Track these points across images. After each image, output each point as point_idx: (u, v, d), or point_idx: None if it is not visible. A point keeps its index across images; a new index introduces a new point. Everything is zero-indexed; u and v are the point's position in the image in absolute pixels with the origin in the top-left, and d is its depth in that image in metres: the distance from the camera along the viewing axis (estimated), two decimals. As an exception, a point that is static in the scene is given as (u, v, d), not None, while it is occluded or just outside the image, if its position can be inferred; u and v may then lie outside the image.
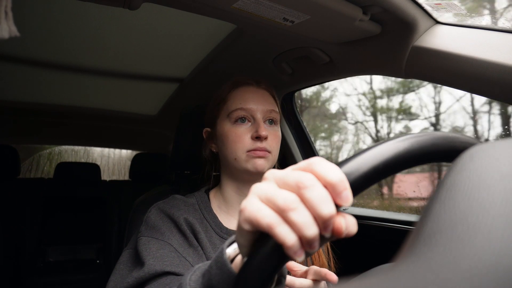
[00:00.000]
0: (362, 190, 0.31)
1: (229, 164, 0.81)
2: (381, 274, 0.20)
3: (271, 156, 0.79)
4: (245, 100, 0.80)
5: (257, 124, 0.78)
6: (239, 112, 0.79)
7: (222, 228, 0.79)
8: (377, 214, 1.31)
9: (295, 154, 1.47)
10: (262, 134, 0.76)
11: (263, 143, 0.77)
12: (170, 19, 1.06)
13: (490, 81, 0.67)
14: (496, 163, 0.23)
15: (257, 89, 0.84)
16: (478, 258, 0.18)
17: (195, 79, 1.46)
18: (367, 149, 0.32)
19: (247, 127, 0.79)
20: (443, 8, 0.80)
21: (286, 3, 0.73)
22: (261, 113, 0.80)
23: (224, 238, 0.78)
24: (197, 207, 0.81)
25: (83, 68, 1.46)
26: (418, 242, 0.22)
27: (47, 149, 4.73)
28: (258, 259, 0.31)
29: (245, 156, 0.77)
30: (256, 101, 0.81)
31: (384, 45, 0.86)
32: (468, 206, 0.21)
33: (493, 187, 0.21)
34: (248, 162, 0.77)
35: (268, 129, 0.80)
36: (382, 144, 0.32)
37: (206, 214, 0.80)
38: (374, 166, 0.31)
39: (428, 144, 0.32)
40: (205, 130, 0.89)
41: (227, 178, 0.84)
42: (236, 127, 0.79)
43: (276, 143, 0.81)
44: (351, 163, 0.31)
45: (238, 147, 0.77)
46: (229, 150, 0.79)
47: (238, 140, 0.78)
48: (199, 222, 0.77)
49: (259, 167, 0.76)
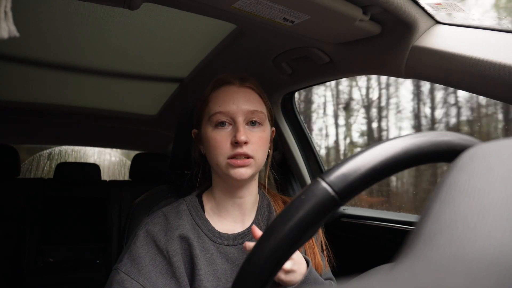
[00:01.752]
0: (363, 190, 0.31)
1: (214, 167, 0.80)
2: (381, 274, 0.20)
3: (253, 161, 0.75)
4: (225, 102, 0.76)
5: (237, 128, 0.74)
6: (218, 116, 0.76)
7: (214, 232, 0.78)
8: (377, 214, 1.31)
9: (295, 154, 1.47)
10: (240, 139, 0.72)
11: (244, 148, 0.74)
12: (170, 19, 1.06)
13: (490, 81, 0.67)
14: (496, 163, 0.23)
15: (240, 88, 0.79)
16: (478, 258, 0.17)
17: (195, 79, 1.46)
18: (367, 149, 0.32)
19: (227, 131, 0.76)
20: (443, 8, 0.80)
21: (286, 3, 0.73)
22: (242, 115, 0.76)
23: (217, 242, 0.77)
24: (188, 213, 0.80)
25: (83, 68, 1.46)
26: (418, 242, 0.22)
27: (47, 149, 4.73)
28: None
29: (226, 164, 0.75)
30: (237, 102, 0.76)
31: (384, 45, 0.86)
32: (468, 206, 0.21)
33: (494, 187, 0.21)
34: (229, 170, 0.75)
35: (250, 132, 0.76)
36: (382, 144, 0.32)
37: (197, 220, 0.79)
38: (372, 167, 0.31)
39: (428, 144, 0.31)
40: (194, 131, 0.88)
41: (217, 180, 0.83)
42: (216, 131, 0.76)
43: (259, 145, 0.76)
44: (350, 163, 0.31)
45: (218, 153, 0.75)
46: (211, 155, 0.77)
47: (218, 145, 0.75)
48: (191, 229, 0.77)
49: (240, 176, 0.74)
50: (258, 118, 0.78)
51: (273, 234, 0.31)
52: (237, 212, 0.82)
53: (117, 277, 0.70)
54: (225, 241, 0.78)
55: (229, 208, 0.82)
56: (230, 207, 0.82)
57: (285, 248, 0.30)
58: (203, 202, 0.84)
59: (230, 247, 0.78)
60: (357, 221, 1.34)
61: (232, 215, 0.82)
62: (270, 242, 0.31)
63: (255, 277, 0.30)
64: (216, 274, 0.75)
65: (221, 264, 0.76)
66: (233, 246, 0.79)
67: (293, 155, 1.47)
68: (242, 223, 0.83)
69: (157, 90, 1.75)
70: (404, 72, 0.85)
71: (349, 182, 0.30)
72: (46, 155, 4.70)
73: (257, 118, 0.78)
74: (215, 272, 0.75)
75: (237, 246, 0.79)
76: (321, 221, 0.31)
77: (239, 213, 0.82)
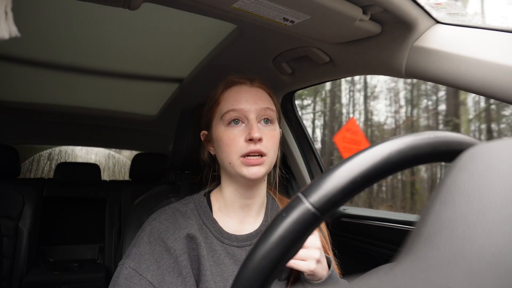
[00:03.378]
0: (345, 203, 0.31)
1: (225, 167, 0.79)
2: (381, 274, 0.20)
3: (267, 159, 0.76)
4: (237, 100, 0.77)
5: (250, 125, 0.75)
6: (231, 113, 0.76)
7: (222, 233, 0.78)
8: (377, 214, 1.31)
9: (295, 154, 1.47)
10: (254, 136, 0.72)
11: (257, 145, 0.74)
12: (170, 19, 1.06)
13: (490, 81, 0.67)
14: (496, 163, 0.23)
15: (250, 88, 0.80)
16: (478, 258, 0.18)
17: (195, 79, 1.46)
18: (369, 147, 0.32)
19: (241, 129, 0.76)
20: (443, 8, 0.80)
21: (286, 3, 0.73)
22: (255, 112, 0.76)
23: (224, 243, 0.77)
24: (196, 212, 0.80)
25: (83, 68, 1.46)
26: (418, 242, 0.22)
27: (47, 149, 4.73)
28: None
29: (239, 162, 0.74)
30: (249, 101, 0.77)
31: (384, 45, 0.86)
32: (468, 206, 0.21)
33: (494, 187, 0.21)
34: (242, 168, 0.74)
35: (263, 129, 0.77)
36: (381, 143, 0.32)
37: (205, 220, 0.79)
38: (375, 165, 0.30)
39: (427, 144, 0.31)
40: (202, 133, 0.88)
41: (226, 180, 0.82)
42: (229, 129, 0.76)
43: (272, 143, 0.77)
44: (331, 177, 0.31)
45: (232, 151, 0.75)
46: (224, 154, 0.77)
47: (231, 143, 0.75)
48: (199, 229, 0.76)
49: (253, 175, 0.74)
50: (270, 116, 0.79)
51: (256, 254, 0.30)
52: (245, 213, 0.82)
53: (125, 272, 0.69)
54: (233, 242, 0.78)
55: (238, 209, 0.81)
56: (239, 208, 0.81)
57: (270, 268, 0.30)
58: (211, 202, 0.84)
59: (238, 249, 0.78)
60: (357, 221, 1.34)
61: (240, 216, 0.82)
62: (254, 261, 0.30)
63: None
64: (223, 275, 0.74)
65: (229, 265, 0.76)
66: (241, 247, 0.78)
67: (293, 155, 1.47)
68: (250, 225, 0.82)
69: (157, 90, 1.75)
70: (404, 72, 0.85)
71: (329, 197, 0.30)
72: (46, 155, 4.70)
73: (269, 116, 0.79)
74: (222, 273, 0.75)
75: (245, 248, 0.78)
76: (304, 238, 0.31)
77: (248, 214, 0.82)
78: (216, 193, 0.86)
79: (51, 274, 2.12)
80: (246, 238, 0.79)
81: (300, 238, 0.30)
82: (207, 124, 0.85)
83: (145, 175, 2.56)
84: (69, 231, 2.46)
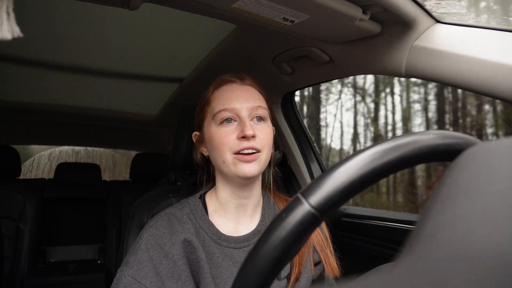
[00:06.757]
0: (344, 203, 0.31)
1: (219, 167, 0.78)
2: (382, 274, 0.20)
3: (261, 155, 0.75)
4: (228, 99, 0.77)
5: (243, 123, 0.74)
6: (223, 113, 0.75)
7: (219, 235, 0.78)
8: (377, 214, 1.31)
9: (295, 154, 1.47)
10: (247, 133, 0.72)
11: (251, 142, 0.73)
12: (170, 19, 1.06)
13: (490, 81, 0.68)
14: (497, 162, 0.23)
15: (241, 86, 0.80)
16: (479, 257, 0.18)
17: (195, 79, 1.46)
18: (369, 147, 0.32)
19: (233, 128, 0.75)
20: (443, 7, 0.80)
21: (286, 3, 0.73)
22: (247, 110, 0.76)
23: (222, 245, 0.77)
24: (191, 216, 0.79)
25: (83, 68, 1.46)
26: (419, 241, 0.22)
27: (47, 150, 4.73)
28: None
29: (233, 159, 0.74)
30: (241, 99, 0.76)
31: (384, 44, 0.86)
32: (469, 205, 0.21)
33: (494, 187, 0.21)
34: (236, 167, 0.74)
35: (256, 127, 0.76)
36: (381, 143, 0.32)
37: (201, 223, 0.78)
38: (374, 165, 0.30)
39: (427, 143, 0.31)
40: (194, 134, 0.86)
41: (221, 181, 0.81)
42: (221, 128, 0.76)
43: (266, 140, 0.76)
44: (330, 177, 0.31)
45: (224, 148, 0.74)
46: (217, 153, 0.76)
47: (224, 141, 0.74)
48: (195, 233, 0.76)
49: (248, 173, 0.73)
50: (262, 114, 0.78)
51: (256, 255, 0.30)
52: (241, 213, 0.81)
53: (124, 280, 0.69)
54: (231, 244, 0.78)
55: (233, 209, 0.81)
56: (234, 208, 0.81)
57: (270, 269, 0.30)
58: (206, 204, 0.83)
59: (236, 250, 0.77)
60: (358, 221, 1.34)
61: (236, 216, 0.81)
62: (254, 263, 0.30)
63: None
64: (222, 277, 0.74)
65: (227, 267, 0.75)
66: (239, 248, 0.78)
67: (293, 155, 1.47)
68: (246, 225, 0.82)
69: (157, 90, 1.75)
70: (404, 72, 0.85)
71: (329, 198, 0.30)
72: (46, 155, 4.70)
73: (261, 114, 0.78)
74: (221, 275, 0.74)
75: (243, 249, 0.78)
76: (304, 238, 0.31)
77: (244, 215, 0.82)
78: (211, 194, 0.85)
79: (51, 274, 2.12)
80: (244, 239, 0.79)
81: (299, 239, 0.30)
82: (199, 124, 0.84)
83: (145, 175, 2.56)
84: (69, 232, 2.45)
